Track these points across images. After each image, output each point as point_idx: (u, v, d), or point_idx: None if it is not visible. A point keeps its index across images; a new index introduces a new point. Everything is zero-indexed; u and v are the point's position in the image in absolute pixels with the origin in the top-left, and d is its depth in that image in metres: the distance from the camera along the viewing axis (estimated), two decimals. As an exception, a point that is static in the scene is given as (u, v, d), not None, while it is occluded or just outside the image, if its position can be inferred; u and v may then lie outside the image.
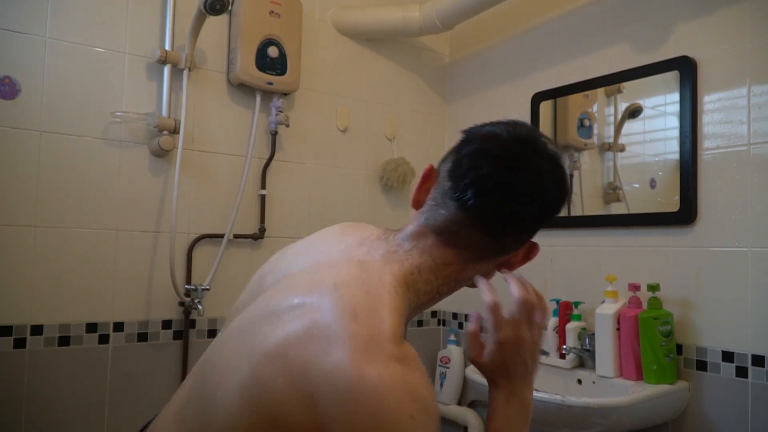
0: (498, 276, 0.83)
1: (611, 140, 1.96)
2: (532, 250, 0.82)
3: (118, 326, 1.81)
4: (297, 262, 0.81)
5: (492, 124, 0.79)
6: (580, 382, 1.78)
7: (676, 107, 1.71)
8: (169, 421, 0.78)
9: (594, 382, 1.73)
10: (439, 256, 0.76)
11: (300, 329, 0.66)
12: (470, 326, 0.80)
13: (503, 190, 0.74)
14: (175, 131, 1.87)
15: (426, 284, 0.76)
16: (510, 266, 0.81)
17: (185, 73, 1.88)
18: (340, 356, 0.62)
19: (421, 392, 0.63)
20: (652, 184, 1.82)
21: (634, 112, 1.88)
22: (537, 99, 2.13)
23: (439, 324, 2.50)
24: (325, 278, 0.71)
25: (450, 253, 0.76)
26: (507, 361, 0.76)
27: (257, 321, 0.72)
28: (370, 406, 0.60)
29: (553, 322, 1.93)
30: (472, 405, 2.27)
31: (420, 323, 2.44)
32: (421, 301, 0.77)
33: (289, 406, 0.63)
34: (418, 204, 0.81)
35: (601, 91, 1.96)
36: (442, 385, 2.29)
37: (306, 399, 0.62)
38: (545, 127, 2.12)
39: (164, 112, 1.87)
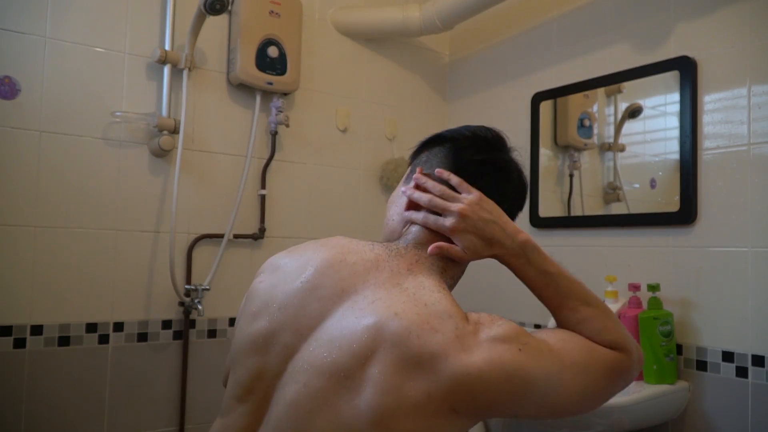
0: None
1: (611, 140, 1.96)
2: None
3: (118, 326, 1.81)
4: (314, 306, 0.79)
5: (465, 130, 0.93)
6: (580, 382, 1.78)
7: (676, 107, 1.71)
8: None
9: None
10: None
11: (402, 369, 0.69)
12: (437, 248, 0.85)
13: (505, 194, 0.90)
14: (175, 131, 1.87)
15: (452, 279, 0.87)
16: None
17: (185, 73, 1.88)
18: (451, 367, 0.68)
19: (503, 329, 0.73)
20: (652, 184, 1.82)
21: (634, 112, 1.88)
22: (537, 99, 2.13)
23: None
24: (382, 314, 0.73)
25: None
26: (479, 227, 0.84)
27: (335, 383, 0.71)
28: (501, 376, 0.69)
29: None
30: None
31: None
32: (451, 291, 0.86)
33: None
34: (418, 208, 0.89)
35: (601, 91, 1.96)
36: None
37: (445, 417, 0.68)
38: (545, 127, 2.12)
39: (164, 112, 1.87)
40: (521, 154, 0.95)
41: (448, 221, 0.84)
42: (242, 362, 0.82)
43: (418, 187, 0.89)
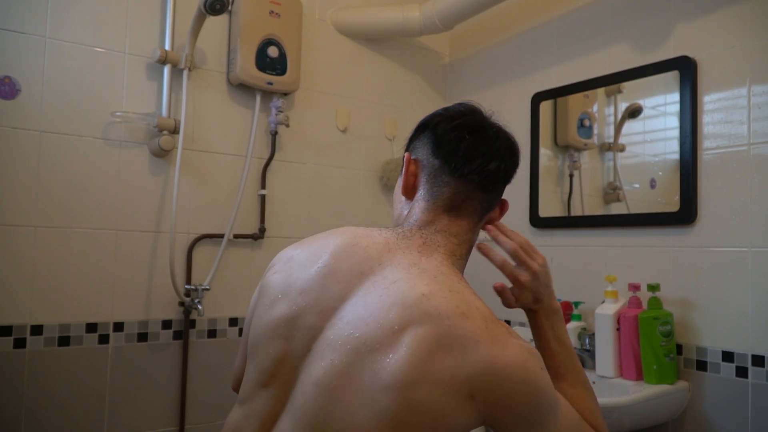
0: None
1: (611, 140, 1.96)
2: (504, 205, 0.96)
3: (118, 326, 1.82)
4: (335, 288, 0.80)
5: (440, 110, 0.94)
6: (580, 382, 1.78)
7: (676, 107, 1.71)
8: None
9: (594, 382, 1.72)
10: (459, 232, 0.88)
11: (430, 345, 0.71)
12: (501, 285, 0.92)
13: (489, 153, 0.88)
14: (175, 131, 1.87)
15: (460, 259, 0.88)
16: (491, 221, 0.95)
17: (185, 73, 1.88)
18: (480, 354, 0.71)
19: (529, 345, 0.77)
20: (652, 184, 1.82)
21: (634, 112, 1.88)
22: (537, 99, 2.13)
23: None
24: (409, 294, 0.75)
25: (464, 224, 0.88)
26: (539, 289, 0.92)
27: (361, 358, 0.73)
28: (522, 378, 0.73)
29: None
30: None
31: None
32: (464, 268, 0.89)
33: (447, 413, 0.70)
34: (413, 190, 0.91)
35: (601, 91, 1.96)
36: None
37: (462, 400, 0.71)
38: (545, 127, 2.12)
39: (164, 112, 1.87)
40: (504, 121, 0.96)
41: (523, 276, 0.91)
42: (263, 349, 0.83)
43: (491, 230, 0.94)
